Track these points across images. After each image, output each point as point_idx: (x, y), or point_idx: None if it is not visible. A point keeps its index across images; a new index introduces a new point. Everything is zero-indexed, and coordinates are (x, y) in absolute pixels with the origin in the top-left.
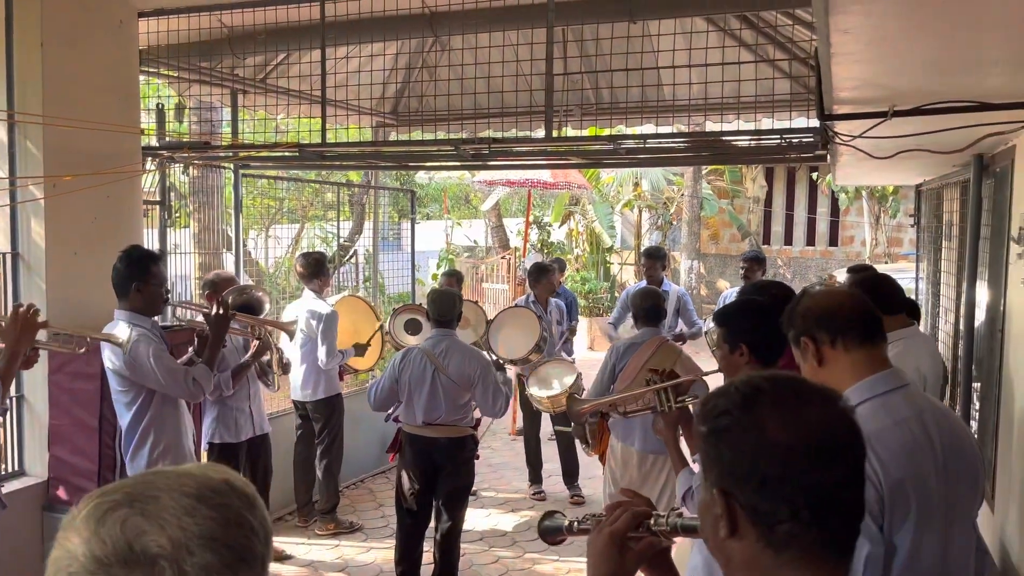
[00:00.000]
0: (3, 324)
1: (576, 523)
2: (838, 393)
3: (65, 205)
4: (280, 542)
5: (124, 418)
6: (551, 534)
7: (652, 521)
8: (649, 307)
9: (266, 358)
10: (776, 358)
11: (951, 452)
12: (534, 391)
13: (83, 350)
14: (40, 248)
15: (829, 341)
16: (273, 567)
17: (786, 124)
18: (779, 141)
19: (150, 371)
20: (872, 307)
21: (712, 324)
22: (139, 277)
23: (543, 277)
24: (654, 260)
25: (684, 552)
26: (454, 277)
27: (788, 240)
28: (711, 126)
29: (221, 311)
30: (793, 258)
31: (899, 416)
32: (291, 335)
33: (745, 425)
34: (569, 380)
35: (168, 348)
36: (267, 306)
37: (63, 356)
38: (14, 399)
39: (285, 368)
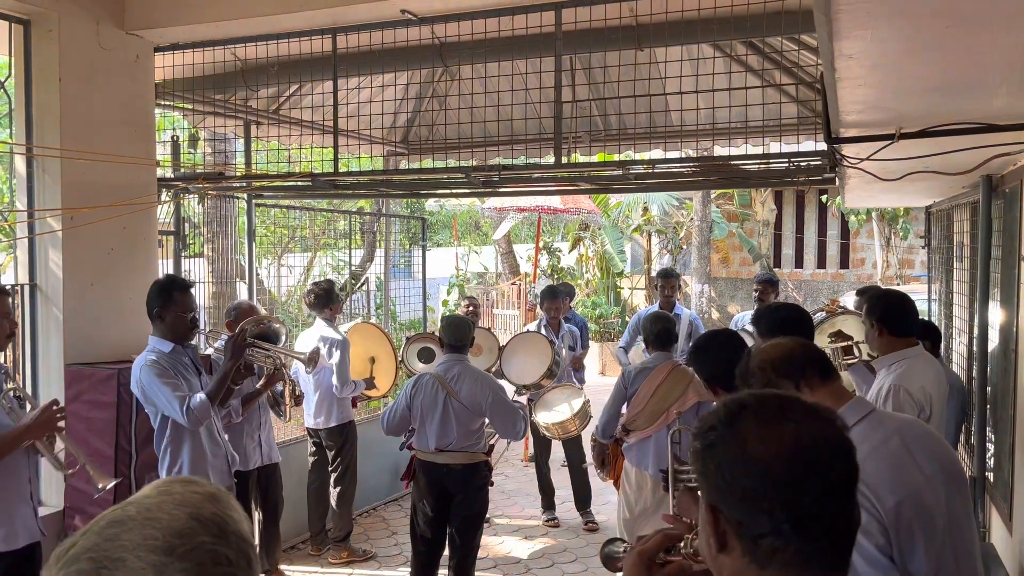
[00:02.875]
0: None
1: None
2: (830, 410)
3: (82, 237)
4: (293, 571)
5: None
6: (612, 560)
7: (683, 544)
8: (660, 331)
9: (279, 388)
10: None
11: (932, 459)
12: (541, 418)
13: (71, 471)
14: (58, 279)
15: (793, 386)
16: None
17: (794, 148)
18: (787, 164)
19: (152, 396)
20: (817, 347)
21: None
22: (160, 304)
23: (553, 298)
24: (669, 279)
25: None
26: (472, 304)
27: (799, 263)
28: (719, 151)
29: (238, 340)
30: (804, 281)
31: (875, 441)
32: (309, 363)
33: (728, 440)
34: (577, 403)
35: (199, 374)
36: (283, 336)
37: (80, 386)
38: None
39: (298, 399)
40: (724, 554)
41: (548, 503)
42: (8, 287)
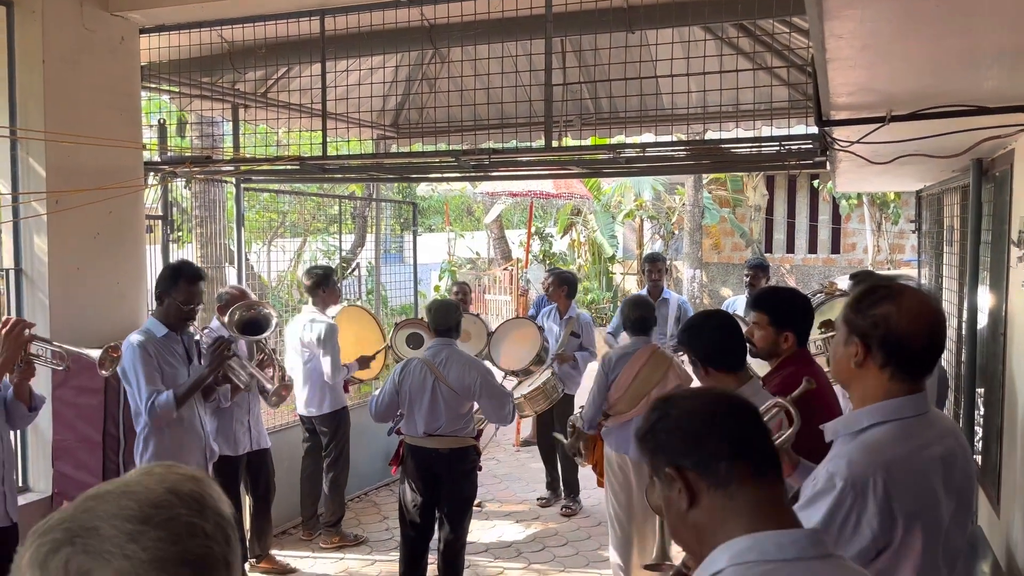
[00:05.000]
0: None
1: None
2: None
3: (67, 221)
4: (285, 555)
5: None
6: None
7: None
8: (638, 317)
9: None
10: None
11: (961, 476)
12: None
13: (62, 366)
14: (43, 264)
15: (881, 360)
16: None
17: (785, 132)
18: (778, 148)
19: (128, 378)
20: (940, 347)
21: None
22: (164, 288)
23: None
24: (656, 264)
25: None
26: (462, 289)
27: (790, 248)
28: (711, 135)
29: (220, 350)
30: (796, 266)
31: (920, 442)
32: (274, 395)
33: (671, 414)
34: (540, 378)
35: (189, 362)
36: (274, 323)
37: (67, 372)
38: None
39: (288, 386)
40: (695, 506)
41: (552, 485)
42: None
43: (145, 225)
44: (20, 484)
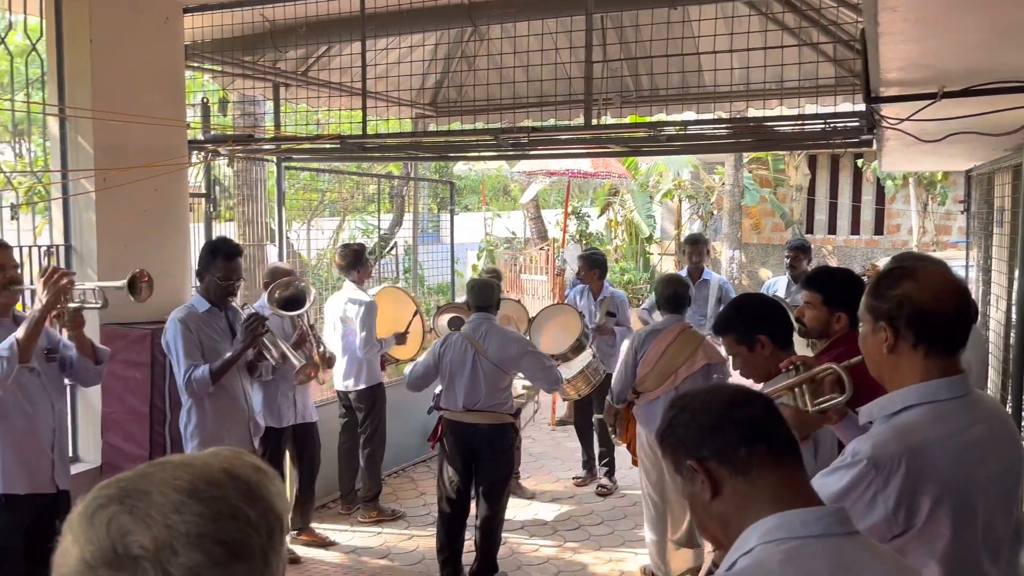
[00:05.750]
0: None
1: None
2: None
3: (115, 199)
4: (324, 529)
5: None
6: None
7: None
8: (671, 294)
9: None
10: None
11: (1005, 461)
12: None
13: (101, 303)
14: (92, 241)
15: (912, 339)
16: (317, 553)
17: (830, 110)
18: (823, 126)
19: (170, 352)
20: (969, 316)
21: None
22: (203, 264)
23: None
24: (697, 245)
25: None
26: (494, 275)
27: (832, 229)
28: (753, 113)
29: (254, 327)
30: (837, 247)
31: (956, 425)
32: (300, 373)
33: (688, 409)
34: (582, 362)
35: (233, 337)
36: (312, 298)
37: (116, 345)
38: (68, 387)
39: (329, 362)
40: (719, 496)
41: (589, 464)
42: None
43: (189, 203)
44: (71, 455)
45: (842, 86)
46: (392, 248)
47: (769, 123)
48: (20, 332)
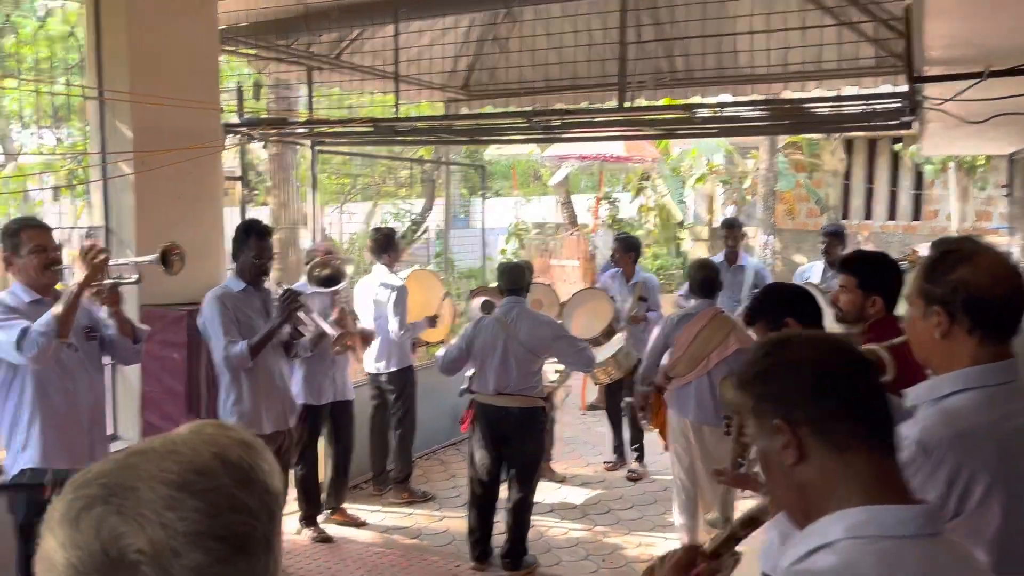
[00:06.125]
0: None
1: None
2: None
3: (152, 182)
4: (356, 509)
5: None
6: None
7: (706, 545)
8: (703, 279)
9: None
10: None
11: None
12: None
13: (137, 278)
14: (130, 223)
15: (968, 325)
16: (349, 532)
17: (870, 91)
18: (863, 107)
19: (207, 330)
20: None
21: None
22: (236, 246)
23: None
24: (733, 229)
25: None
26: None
27: (868, 214)
28: (790, 95)
29: (288, 302)
30: (874, 232)
31: (1005, 411)
32: (338, 342)
33: (785, 359)
34: (613, 347)
35: (267, 316)
36: (347, 276)
37: (154, 326)
38: (109, 366)
39: (367, 339)
40: (803, 463)
41: (618, 448)
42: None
43: (224, 187)
44: (111, 432)
45: (882, 67)
46: (423, 232)
47: (807, 105)
48: (58, 308)
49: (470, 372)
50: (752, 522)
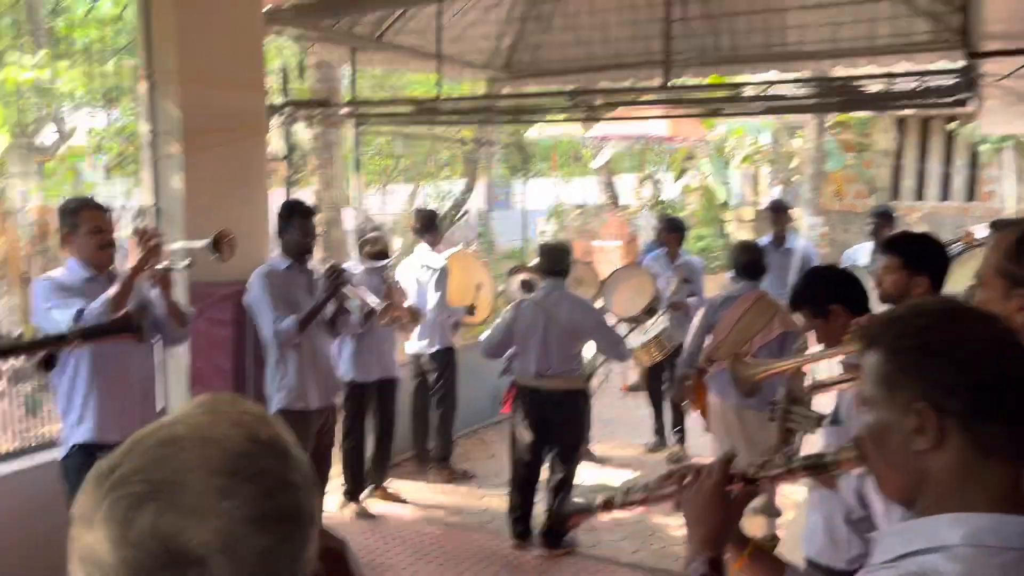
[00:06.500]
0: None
1: (619, 497)
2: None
3: (199, 161)
4: (397, 487)
5: None
6: (578, 514)
7: (757, 468)
8: (747, 261)
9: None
10: None
11: None
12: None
13: (189, 261)
14: (179, 202)
15: None
16: (391, 509)
17: (923, 68)
18: (916, 84)
19: (254, 308)
20: None
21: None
22: (281, 225)
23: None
24: (781, 211)
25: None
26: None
27: (920, 195)
28: (840, 73)
29: (334, 278)
30: (926, 214)
31: None
32: (383, 315)
33: (954, 337)
34: (656, 328)
35: (311, 294)
36: (393, 253)
37: (202, 303)
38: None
39: (415, 315)
40: (939, 451)
41: (659, 429)
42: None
43: (268, 167)
44: (161, 408)
45: (937, 42)
46: (464, 214)
47: (857, 82)
48: (113, 290)
49: (510, 352)
50: (816, 468)
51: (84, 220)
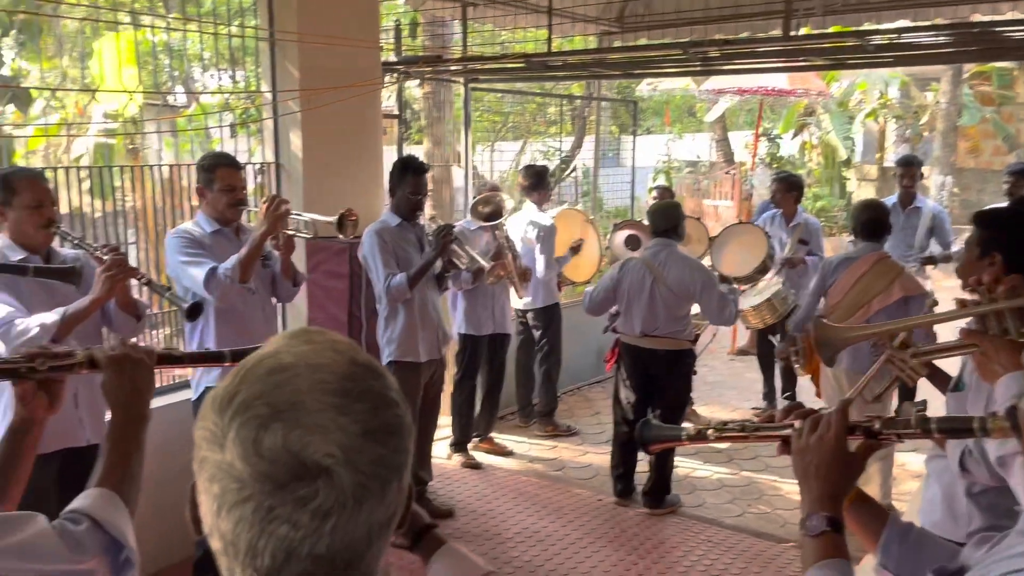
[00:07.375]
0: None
1: (713, 430)
2: None
3: (317, 119)
4: (503, 439)
5: None
6: (664, 440)
7: (883, 423)
8: (867, 220)
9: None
10: None
11: None
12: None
13: (310, 234)
14: (298, 159)
15: None
16: (496, 460)
17: None
18: None
19: (368, 263)
20: None
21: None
22: (393, 181)
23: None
24: (910, 168)
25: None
26: (667, 192)
27: None
28: (979, 19)
29: (443, 236)
30: None
31: None
32: (490, 274)
33: None
34: (769, 290)
35: (422, 250)
36: (505, 211)
37: (319, 257)
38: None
39: (525, 275)
40: None
41: (768, 394)
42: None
43: (382, 124)
44: None
45: None
46: (572, 171)
47: (998, 29)
48: (242, 252)
49: (613, 309)
50: (958, 433)
51: (219, 177)
